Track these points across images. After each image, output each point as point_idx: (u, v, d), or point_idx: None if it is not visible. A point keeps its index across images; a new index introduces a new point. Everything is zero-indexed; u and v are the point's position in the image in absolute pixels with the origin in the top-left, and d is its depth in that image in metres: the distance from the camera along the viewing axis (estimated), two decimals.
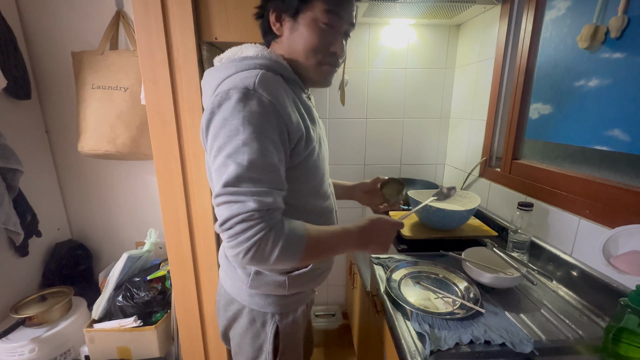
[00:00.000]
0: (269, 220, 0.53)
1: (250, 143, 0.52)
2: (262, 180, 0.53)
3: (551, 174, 0.96)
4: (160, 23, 0.87)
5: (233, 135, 0.52)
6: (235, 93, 0.53)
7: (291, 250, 0.55)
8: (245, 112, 0.52)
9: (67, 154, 1.53)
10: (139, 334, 1.23)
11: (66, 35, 1.39)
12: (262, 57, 0.61)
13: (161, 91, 0.91)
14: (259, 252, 0.52)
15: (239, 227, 0.51)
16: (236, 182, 0.52)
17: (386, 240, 0.68)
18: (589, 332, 0.70)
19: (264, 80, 0.55)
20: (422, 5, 1.18)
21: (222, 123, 0.53)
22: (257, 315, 0.72)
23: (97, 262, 1.67)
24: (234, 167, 0.52)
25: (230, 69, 0.60)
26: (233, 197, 0.52)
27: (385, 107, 1.57)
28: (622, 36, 0.76)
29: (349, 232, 0.64)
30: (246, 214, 0.51)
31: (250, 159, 0.52)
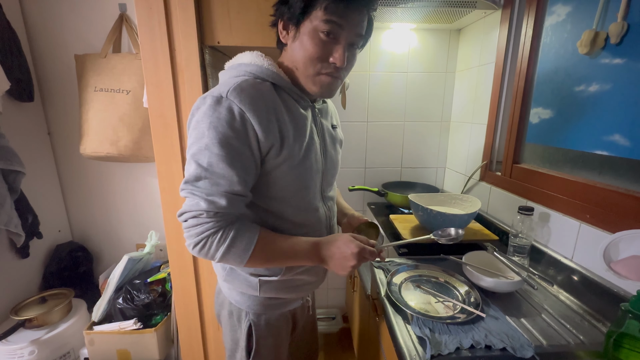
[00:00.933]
0: (218, 222, 0.58)
1: (211, 147, 0.56)
2: (218, 183, 0.57)
3: (552, 179, 0.96)
4: (164, 27, 0.87)
5: (199, 137, 0.57)
6: (209, 99, 0.57)
7: (236, 252, 0.60)
8: (213, 118, 0.56)
9: (69, 156, 1.53)
10: (139, 337, 1.23)
11: (69, 38, 1.40)
12: (253, 64, 0.63)
13: (164, 94, 0.92)
14: (205, 249, 0.58)
15: (190, 221, 0.58)
16: (194, 180, 0.57)
17: (346, 262, 0.64)
18: (589, 337, 0.70)
19: (239, 89, 0.57)
20: (423, 10, 1.19)
21: (194, 125, 0.58)
22: (234, 309, 0.75)
23: (98, 264, 1.67)
24: (195, 166, 0.57)
25: (225, 74, 0.65)
26: (189, 193, 0.57)
27: (386, 110, 1.57)
28: (622, 42, 0.76)
29: (309, 244, 0.66)
30: (197, 211, 0.57)
31: (208, 162, 0.56)
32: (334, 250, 0.66)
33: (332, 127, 0.79)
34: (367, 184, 1.64)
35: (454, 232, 0.81)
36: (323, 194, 0.75)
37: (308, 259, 0.66)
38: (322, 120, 0.75)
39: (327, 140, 0.75)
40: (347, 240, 0.65)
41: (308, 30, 0.61)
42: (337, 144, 0.80)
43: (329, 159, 0.74)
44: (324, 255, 0.66)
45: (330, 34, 0.60)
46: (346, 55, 0.62)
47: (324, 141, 0.73)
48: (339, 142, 0.81)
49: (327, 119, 0.78)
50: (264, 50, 0.73)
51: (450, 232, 0.82)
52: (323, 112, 0.77)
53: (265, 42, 0.93)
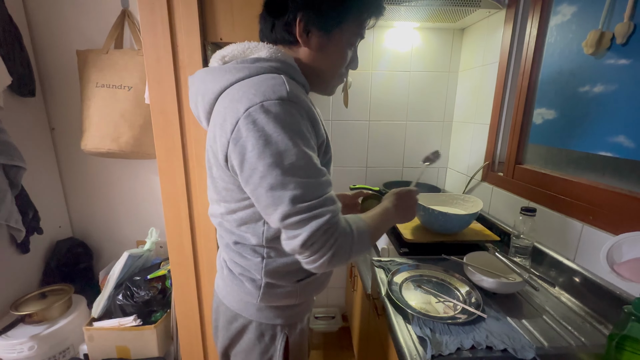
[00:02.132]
0: (337, 222, 0.53)
1: (304, 156, 0.51)
2: (322, 187, 0.53)
3: (555, 180, 0.96)
4: (166, 23, 0.87)
5: (283, 151, 0.49)
6: (272, 106, 0.49)
7: (363, 243, 0.58)
8: (288, 124, 0.50)
9: (70, 152, 1.53)
10: (139, 333, 1.23)
11: (71, 34, 1.40)
12: (276, 59, 0.57)
13: (165, 91, 0.92)
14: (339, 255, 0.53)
15: (322, 239, 0.51)
16: (303, 197, 0.50)
17: (414, 208, 0.77)
18: (591, 339, 0.69)
19: (292, 87, 0.52)
20: (427, 9, 1.18)
21: (265, 140, 0.49)
22: (265, 329, 0.69)
23: (98, 261, 1.67)
24: (295, 183, 0.50)
25: (241, 71, 0.55)
26: (307, 213, 0.50)
27: (388, 109, 1.57)
28: (628, 42, 0.76)
29: (389, 211, 0.69)
30: (325, 225, 0.51)
31: (309, 172, 0.51)
32: (405, 205, 0.73)
33: None
34: (368, 183, 1.63)
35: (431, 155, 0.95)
36: None
37: (394, 220, 0.71)
38: None
39: None
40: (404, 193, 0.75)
41: (338, 41, 0.59)
42: None
43: None
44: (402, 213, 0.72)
45: (355, 45, 0.62)
46: None
47: None
48: None
49: None
50: None
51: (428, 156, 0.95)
52: None
53: None
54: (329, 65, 0.61)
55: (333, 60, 0.61)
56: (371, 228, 0.60)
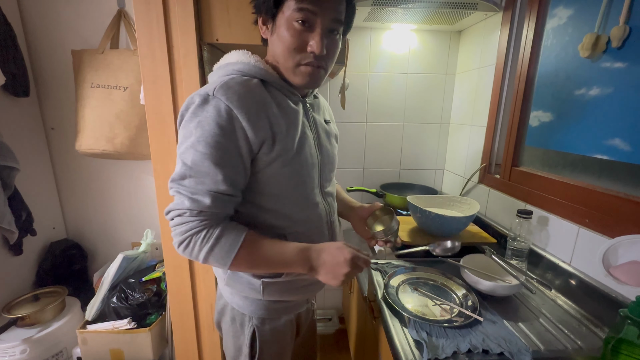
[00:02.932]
0: (202, 221, 0.57)
1: (196, 146, 0.56)
2: (203, 182, 0.56)
3: (551, 182, 0.96)
4: (162, 23, 0.86)
5: (187, 136, 0.57)
6: (197, 98, 0.57)
7: (219, 253, 0.58)
8: (201, 117, 0.56)
9: (65, 153, 1.52)
10: (133, 336, 1.22)
11: (67, 33, 1.39)
12: (240, 62, 0.63)
13: (161, 91, 0.91)
14: (189, 248, 0.58)
15: (176, 220, 0.58)
16: (179, 179, 0.57)
17: (339, 270, 0.60)
18: (587, 343, 0.69)
19: (225, 86, 0.57)
20: (424, 11, 1.19)
21: (183, 125, 0.58)
22: (236, 315, 0.73)
23: (92, 262, 1.65)
24: (181, 164, 0.57)
25: (214, 75, 0.65)
26: (175, 192, 0.58)
27: (385, 111, 1.57)
28: (624, 46, 0.76)
29: (298, 249, 0.62)
30: (181, 210, 0.57)
31: (192, 160, 0.56)
32: (325, 257, 0.61)
33: (325, 122, 0.77)
34: (365, 185, 1.63)
35: (450, 244, 0.82)
36: (322, 189, 0.73)
37: (297, 265, 0.62)
38: (314, 115, 0.73)
39: (321, 134, 0.73)
40: (340, 246, 0.62)
41: (282, 22, 0.60)
42: (332, 139, 0.78)
43: (324, 153, 0.73)
44: (314, 262, 0.62)
45: (305, 22, 0.59)
46: (324, 43, 0.60)
47: (317, 135, 0.72)
48: (334, 137, 0.79)
49: (319, 114, 0.76)
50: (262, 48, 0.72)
51: (446, 244, 0.82)
52: (315, 107, 0.76)
53: None
54: (282, 47, 0.61)
55: (282, 40, 0.60)
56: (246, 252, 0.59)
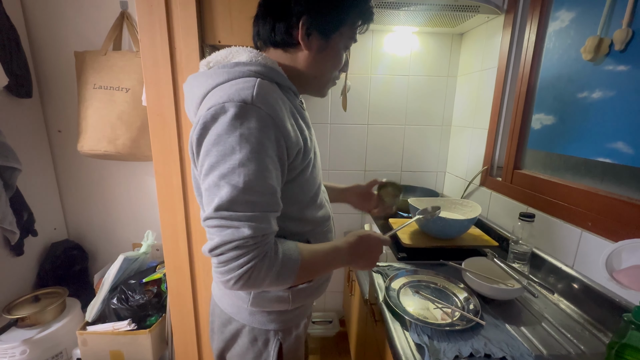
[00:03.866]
0: (263, 246, 0.51)
1: (247, 164, 0.49)
2: (258, 203, 0.50)
3: (553, 185, 0.96)
4: (164, 25, 0.87)
5: (228, 154, 0.49)
6: (231, 107, 0.49)
7: (285, 274, 0.54)
8: (243, 129, 0.49)
9: (67, 154, 1.52)
10: (133, 338, 1.22)
11: (70, 35, 1.39)
12: (256, 63, 0.57)
13: (163, 93, 0.91)
14: (252, 279, 0.51)
15: (231, 253, 0.49)
16: (230, 206, 0.49)
17: (374, 257, 0.69)
18: (590, 347, 0.69)
19: (262, 92, 0.51)
20: (426, 14, 1.19)
21: (216, 139, 0.49)
22: (258, 334, 0.68)
23: (93, 263, 1.65)
24: (228, 189, 0.49)
25: (221, 75, 0.55)
26: (226, 221, 0.49)
27: (386, 113, 1.57)
28: (627, 49, 0.76)
29: (339, 250, 0.64)
30: (240, 240, 0.49)
31: (246, 181, 0.49)
32: (360, 248, 0.66)
33: None
34: None
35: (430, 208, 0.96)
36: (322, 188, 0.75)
37: (340, 262, 0.65)
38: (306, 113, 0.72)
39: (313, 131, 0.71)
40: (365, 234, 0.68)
41: (336, 44, 0.61)
42: None
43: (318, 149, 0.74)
44: (353, 255, 0.66)
45: (349, 48, 0.64)
46: None
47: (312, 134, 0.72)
48: None
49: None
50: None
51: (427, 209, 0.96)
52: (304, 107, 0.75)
53: None
54: (325, 67, 0.63)
55: (330, 62, 0.63)
56: (305, 262, 0.57)
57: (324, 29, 0.59)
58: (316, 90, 0.68)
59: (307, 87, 0.66)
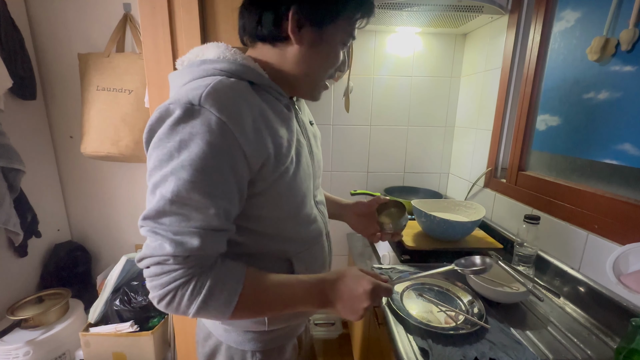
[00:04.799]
0: (190, 268, 0.45)
1: (179, 172, 0.42)
2: (189, 218, 0.44)
3: (558, 187, 0.94)
4: (167, 27, 0.87)
5: (165, 160, 0.43)
6: (176, 109, 0.43)
7: (215, 306, 0.47)
8: (183, 133, 0.43)
9: (70, 155, 1.53)
10: (135, 339, 1.22)
11: (73, 37, 1.40)
12: (223, 60, 0.50)
13: (165, 95, 0.91)
14: (174, 304, 0.45)
15: (154, 269, 0.45)
16: (156, 216, 0.44)
17: (358, 304, 0.53)
18: (597, 353, 0.68)
19: (215, 92, 0.44)
20: (429, 14, 1.18)
21: (156, 144, 0.44)
22: (235, 354, 0.62)
23: (96, 264, 1.66)
24: (158, 197, 0.43)
25: (186, 75, 0.50)
26: (149, 232, 0.45)
27: (389, 114, 1.56)
28: (634, 49, 0.75)
29: (310, 285, 0.53)
30: (160, 257, 0.43)
31: (175, 191, 0.42)
32: (342, 290, 0.54)
33: (310, 124, 0.68)
34: (369, 189, 1.62)
35: (479, 260, 0.70)
36: (315, 199, 0.66)
37: (310, 302, 0.53)
38: (302, 118, 0.64)
39: (311, 139, 0.64)
40: (357, 275, 0.55)
41: (331, 37, 0.53)
42: (318, 142, 0.70)
43: (315, 160, 0.65)
44: (329, 296, 0.54)
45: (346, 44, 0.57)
46: None
47: (308, 141, 0.63)
48: (319, 140, 0.71)
49: (304, 116, 0.67)
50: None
51: (475, 261, 0.71)
52: (301, 108, 0.66)
53: None
54: (319, 64, 0.56)
55: (324, 58, 0.55)
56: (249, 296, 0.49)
57: (318, 20, 0.51)
58: (307, 92, 0.60)
59: (297, 87, 0.58)
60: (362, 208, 0.80)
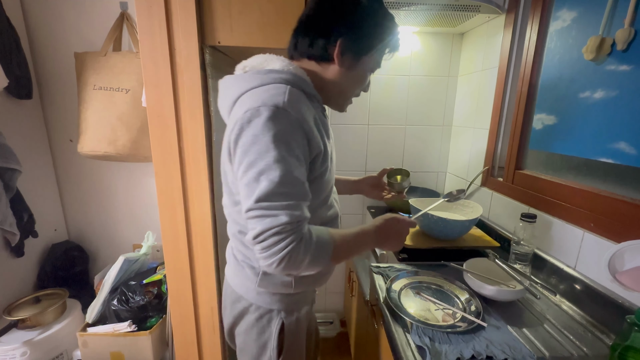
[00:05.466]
0: (299, 232, 0.56)
1: (282, 160, 0.55)
2: (292, 194, 0.56)
3: (555, 186, 0.95)
4: (164, 26, 0.86)
5: (264, 152, 0.55)
6: (265, 110, 0.55)
7: (320, 257, 0.60)
8: (276, 129, 0.55)
9: (67, 155, 1.52)
10: (133, 339, 1.21)
11: (70, 36, 1.39)
12: (287, 72, 0.63)
13: (162, 94, 0.91)
14: (292, 262, 0.56)
15: (272, 239, 0.55)
16: (268, 197, 0.55)
17: (401, 238, 0.75)
18: (593, 349, 0.68)
19: (292, 98, 0.58)
20: (426, 14, 1.18)
21: (252, 140, 0.55)
22: (263, 312, 0.75)
23: (94, 264, 1.66)
24: (266, 183, 0.55)
25: (254, 80, 0.62)
26: (266, 211, 0.55)
27: (387, 113, 1.56)
28: (629, 48, 0.75)
29: (367, 233, 0.70)
30: (279, 227, 0.54)
31: (281, 175, 0.55)
32: (388, 231, 0.72)
33: None
34: None
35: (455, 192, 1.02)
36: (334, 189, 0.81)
37: (370, 245, 0.71)
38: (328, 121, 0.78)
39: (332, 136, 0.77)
40: (393, 218, 0.73)
41: (365, 66, 0.68)
42: None
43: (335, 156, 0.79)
44: (381, 237, 0.71)
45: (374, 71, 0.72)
46: None
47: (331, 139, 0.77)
48: None
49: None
50: (265, 50, 0.72)
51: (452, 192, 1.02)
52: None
53: (267, 42, 0.92)
54: (352, 84, 0.70)
55: (356, 80, 0.70)
56: (337, 244, 0.63)
57: (358, 51, 0.65)
58: (338, 104, 0.74)
59: (330, 99, 0.72)
60: (373, 180, 1.01)
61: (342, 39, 0.64)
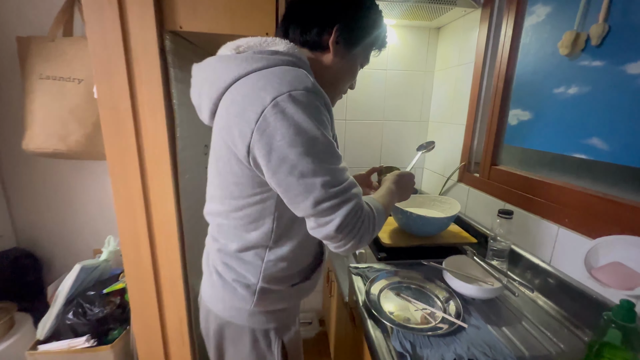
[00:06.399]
0: (364, 205, 0.57)
1: (329, 144, 0.53)
2: (344, 171, 0.56)
3: (530, 181, 0.95)
4: (115, 7, 0.76)
5: (312, 140, 0.51)
6: (299, 96, 0.50)
7: (380, 219, 0.60)
8: (316, 114, 0.52)
9: (14, 152, 1.36)
10: (93, 355, 1.11)
11: (11, 18, 1.23)
12: (292, 54, 0.59)
13: (116, 84, 0.81)
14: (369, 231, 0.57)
15: (352, 222, 0.53)
16: (336, 181, 0.53)
17: (412, 189, 0.83)
18: (569, 345, 0.68)
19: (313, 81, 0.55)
20: (403, 5, 1.15)
21: (296, 130, 0.49)
22: (259, 335, 0.69)
23: (48, 273, 1.50)
24: (325, 170, 0.52)
25: (259, 61, 0.55)
26: (337, 198, 0.52)
27: (365, 109, 1.53)
28: (602, 44, 0.75)
29: (393, 191, 0.73)
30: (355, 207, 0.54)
31: (334, 159, 0.54)
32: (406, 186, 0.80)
33: None
34: None
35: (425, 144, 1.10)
36: None
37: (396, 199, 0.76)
38: None
39: None
40: (402, 174, 0.80)
41: (356, 58, 0.67)
42: None
43: None
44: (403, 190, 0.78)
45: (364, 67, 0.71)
46: None
47: None
48: None
49: None
50: (234, 38, 0.65)
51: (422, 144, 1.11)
52: None
53: (234, 29, 0.84)
54: (343, 75, 0.68)
55: (348, 72, 0.68)
56: (384, 207, 0.64)
57: (350, 41, 0.64)
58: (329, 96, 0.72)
59: None
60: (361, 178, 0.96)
61: (339, 26, 0.61)
